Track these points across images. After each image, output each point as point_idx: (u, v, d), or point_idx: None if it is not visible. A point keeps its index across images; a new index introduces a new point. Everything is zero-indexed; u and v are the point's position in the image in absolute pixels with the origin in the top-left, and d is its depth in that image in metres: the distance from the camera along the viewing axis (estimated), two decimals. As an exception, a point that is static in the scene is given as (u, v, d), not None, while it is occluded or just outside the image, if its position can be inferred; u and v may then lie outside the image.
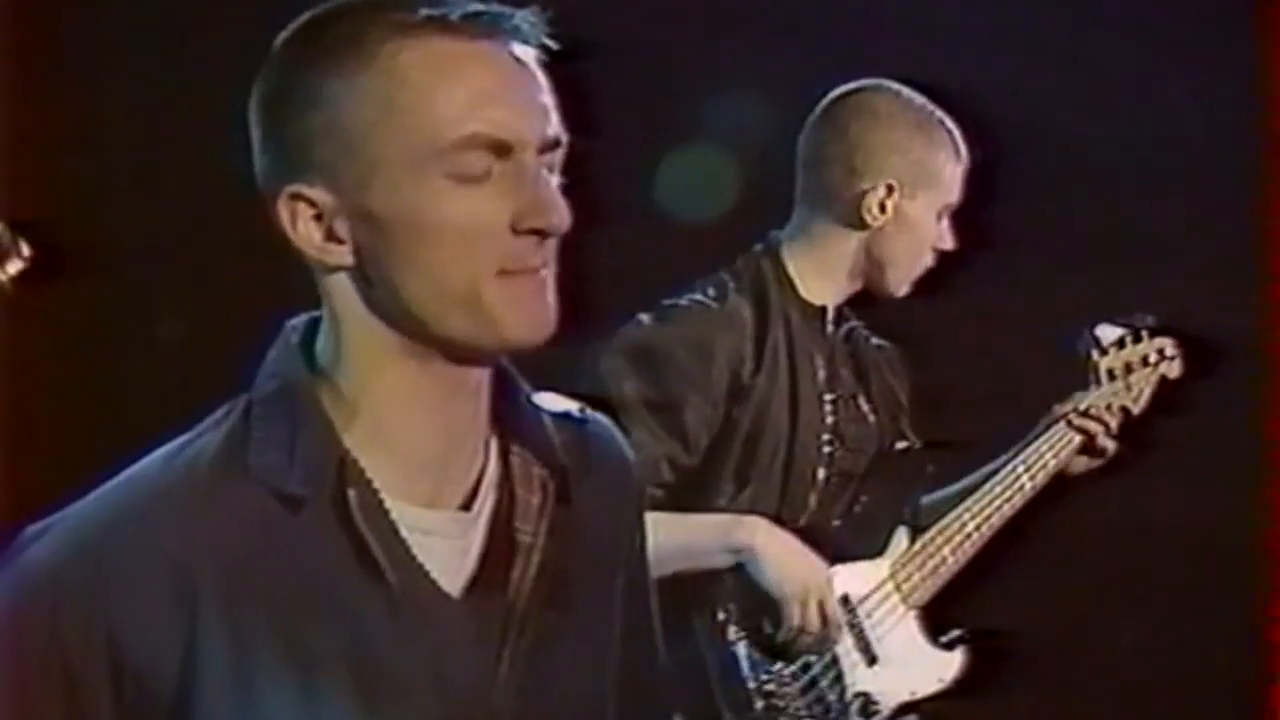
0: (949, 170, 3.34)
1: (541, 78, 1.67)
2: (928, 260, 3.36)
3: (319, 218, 1.64)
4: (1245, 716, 3.79)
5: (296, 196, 1.64)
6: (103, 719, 1.61)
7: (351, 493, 1.64)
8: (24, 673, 1.61)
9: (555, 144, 1.66)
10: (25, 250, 3.45)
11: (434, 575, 1.67)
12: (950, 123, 3.36)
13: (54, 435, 3.81)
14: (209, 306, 3.94)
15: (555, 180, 1.67)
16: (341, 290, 1.67)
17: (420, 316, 1.63)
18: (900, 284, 3.36)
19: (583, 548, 1.76)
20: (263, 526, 1.63)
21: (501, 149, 1.62)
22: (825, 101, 3.39)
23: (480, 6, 1.64)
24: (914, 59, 3.74)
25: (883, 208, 3.32)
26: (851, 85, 3.38)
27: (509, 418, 1.75)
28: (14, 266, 3.45)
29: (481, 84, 1.62)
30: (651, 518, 1.92)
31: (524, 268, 1.63)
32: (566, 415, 1.81)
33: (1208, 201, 3.88)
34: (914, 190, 3.32)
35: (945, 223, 3.36)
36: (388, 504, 1.66)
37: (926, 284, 3.44)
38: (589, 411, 1.85)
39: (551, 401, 1.80)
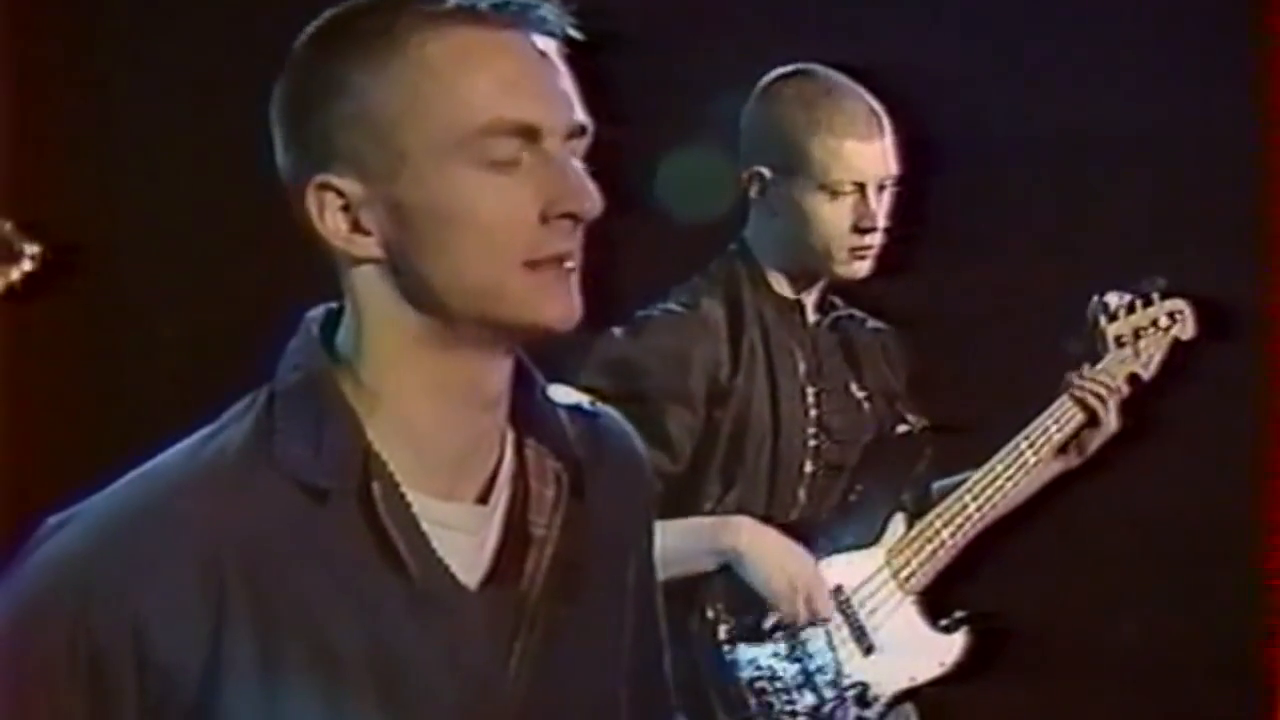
0: (846, 147, 3.25)
1: (563, 68, 1.68)
2: (852, 240, 3.27)
3: (346, 208, 1.65)
4: (1248, 700, 3.77)
5: (324, 187, 1.65)
6: (127, 711, 1.62)
7: (375, 485, 1.65)
8: (50, 664, 1.62)
9: (581, 131, 1.67)
10: (33, 251, 3.47)
11: (453, 568, 1.69)
12: (861, 97, 3.29)
13: (60, 435, 3.82)
14: (216, 307, 3.93)
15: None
16: (366, 281, 1.67)
17: (448, 305, 1.65)
18: (836, 266, 3.30)
19: (595, 540, 1.77)
20: (289, 519, 1.64)
21: (529, 134, 1.64)
22: None
23: None
24: (921, 44, 3.74)
25: (763, 192, 3.32)
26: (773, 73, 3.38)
27: (524, 410, 1.76)
28: (22, 267, 3.47)
29: (508, 71, 1.64)
30: None
31: (552, 255, 1.64)
32: (579, 408, 1.83)
33: (1210, 169, 3.86)
34: (788, 173, 3.29)
35: (870, 199, 3.27)
36: (409, 497, 1.67)
37: (932, 262, 3.43)
38: (600, 405, 1.86)
39: (563, 394, 1.82)
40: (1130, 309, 3.56)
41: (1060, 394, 3.50)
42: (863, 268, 3.31)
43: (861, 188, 3.28)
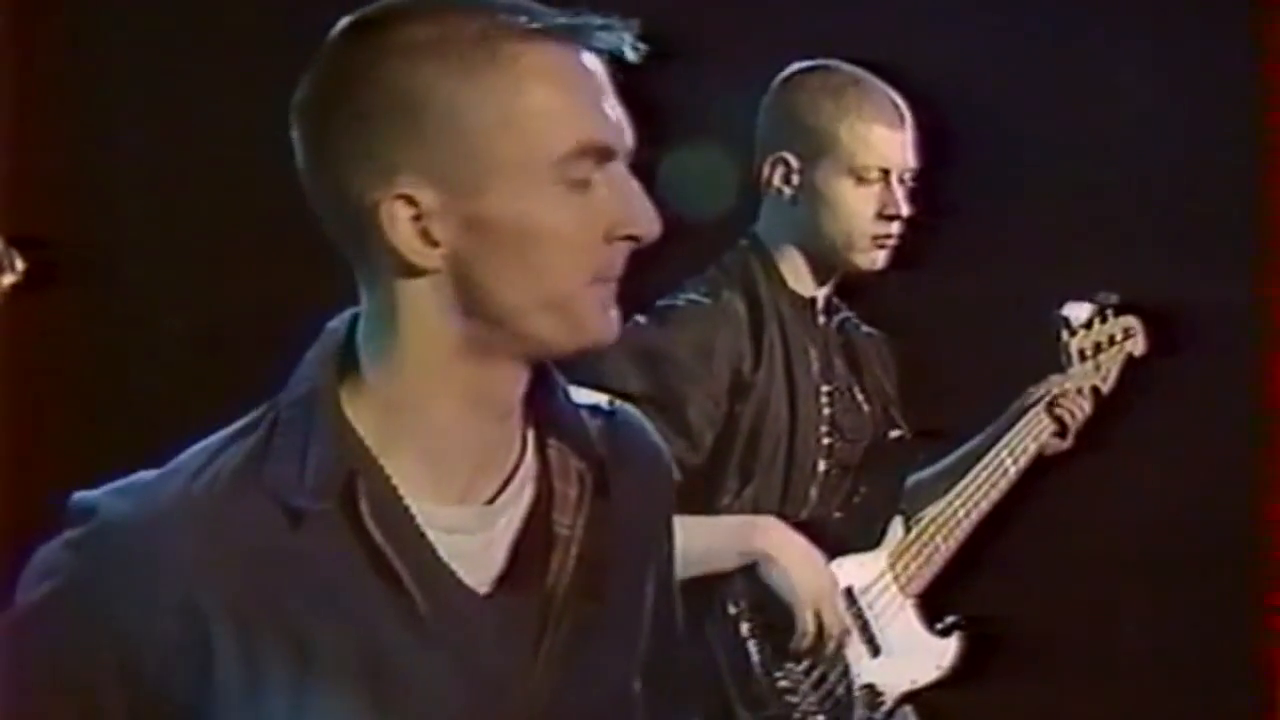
0: (874, 133, 3.28)
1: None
2: (876, 228, 3.29)
3: (417, 218, 1.63)
4: (1245, 702, 3.80)
5: (400, 198, 1.63)
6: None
7: (364, 504, 1.64)
8: (41, 677, 1.63)
9: (632, 152, 1.70)
10: (19, 263, 3.45)
11: (460, 574, 1.68)
12: (885, 90, 3.32)
13: (47, 446, 3.79)
14: (204, 320, 3.93)
15: None
16: (414, 292, 1.66)
17: (509, 319, 1.65)
18: (856, 255, 3.31)
19: (619, 538, 1.77)
20: (270, 542, 1.63)
21: (605, 155, 1.65)
22: None
23: (579, 18, 1.66)
24: (919, 48, 3.75)
25: (787, 180, 3.33)
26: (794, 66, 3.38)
27: (546, 411, 1.76)
28: (7, 279, 3.45)
29: (587, 91, 1.65)
30: None
31: (612, 275, 1.67)
32: (596, 406, 1.83)
33: (1211, 180, 3.90)
34: (815, 159, 3.30)
35: (894, 188, 3.29)
36: (413, 508, 1.66)
37: (914, 267, 3.44)
38: (617, 403, 1.86)
39: (580, 395, 1.81)
40: (1089, 324, 3.62)
41: (1023, 405, 3.55)
42: (880, 258, 3.33)
43: (886, 175, 3.30)
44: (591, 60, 1.66)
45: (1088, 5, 3.97)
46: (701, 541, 3.01)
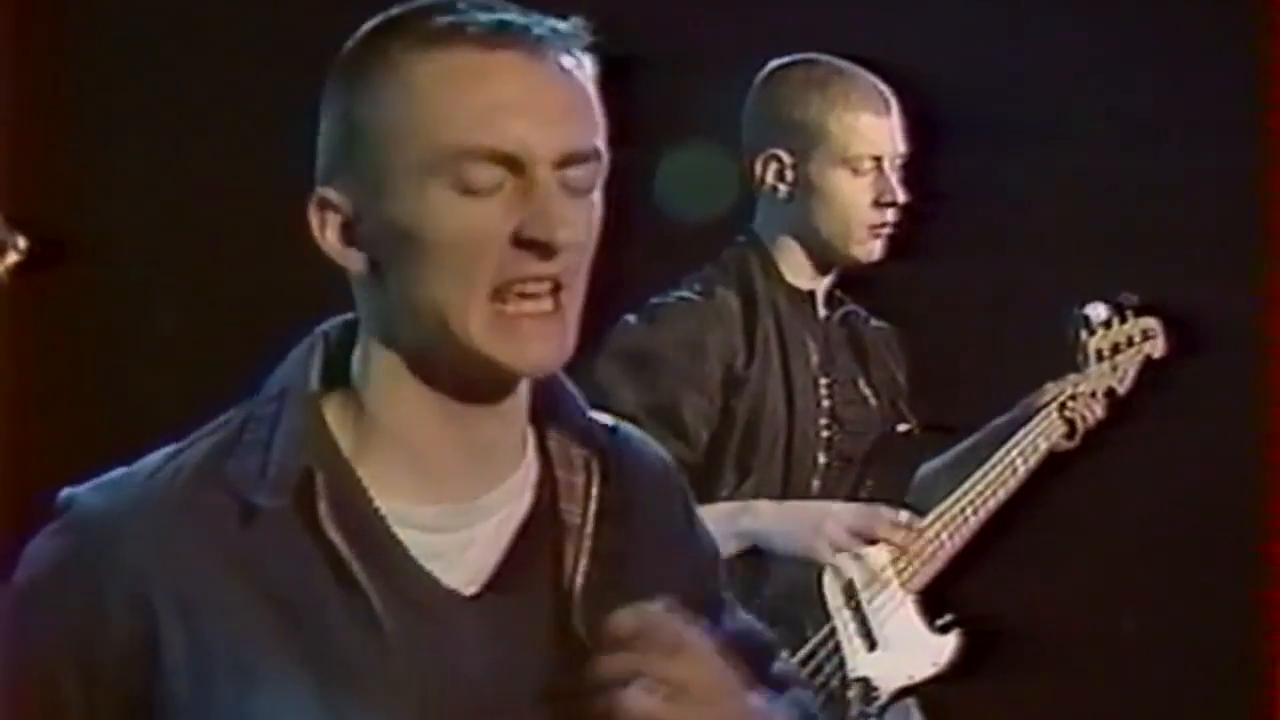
0: (862, 122, 3.28)
1: (579, 87, 1.64)
2: (873, 217, 3.29)
3: (345, 224, 1.65)
4: (1246, 700, 3.79)
5: (324, 202, 1.66)
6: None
7: (322, 502, 1.63)
8: (7, 657, 1.66)
9: (581, 157, 1.63)
10: (21, 243, 3.45)
11: (439, 574, 1.66)
12: (869, 78, 3.31)
13: (49, 429, 3.80)
14: (205, 302, 3.95)
15: (593, 193, 1.64)
16: (365, 295, 1.67)
17: (418, 327, 1.63)
18: (853, 247, 3.31)
19: (635, 534, 1.73)
20: (224, 537, 1.63)
21: (511, 163, 1.60)
22: None
23: (508, 16, 1.62)
24: (922, 45, 3.75)
25: (781, 177, 3.32)
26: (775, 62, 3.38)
27: (542, 402, 1.73)
28: (10, 259, 3.45)
29: (497, 96, 1.60)
30: None
31: (517, 277, 1.60)
32: (595, 419, 1.79)
33: (1211, 177, 3.89)
34: (807, 153, 3.30)
35: (888, 175, 3.29)
36: (385, 508, 1.65)
37: (925, 260, 3.43)
38: (615, 420, 1.83)
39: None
40: (1108, 324, 3.61)
41: (1035, 404, 3.53)
42: (876, 249, 3.33)
43: (879, 162, 3.30)
44: (523, 63, 1.62)
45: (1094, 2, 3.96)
46: None
